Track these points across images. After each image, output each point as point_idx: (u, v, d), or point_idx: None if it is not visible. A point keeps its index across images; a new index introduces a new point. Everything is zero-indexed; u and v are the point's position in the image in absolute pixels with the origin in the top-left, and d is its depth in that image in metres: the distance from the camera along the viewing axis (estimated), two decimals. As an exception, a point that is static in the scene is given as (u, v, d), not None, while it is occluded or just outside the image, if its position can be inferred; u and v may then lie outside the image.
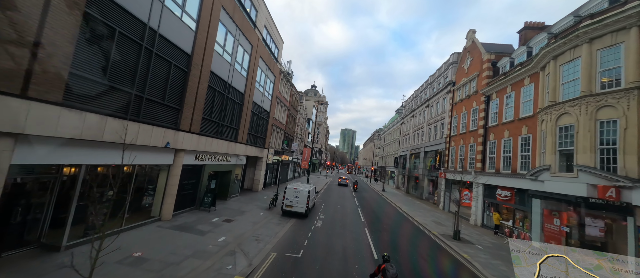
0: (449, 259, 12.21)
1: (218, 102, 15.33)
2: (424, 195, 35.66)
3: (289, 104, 33.52)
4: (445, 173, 27.90)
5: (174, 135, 11.45)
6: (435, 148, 32.63)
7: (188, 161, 13.29)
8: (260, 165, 24.78)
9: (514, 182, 17.21)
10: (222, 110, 15.90)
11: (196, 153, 13.88)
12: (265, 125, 24.53)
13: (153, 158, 10.89)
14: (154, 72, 10.15)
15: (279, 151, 30.55)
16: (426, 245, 14.10)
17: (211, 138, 14.78)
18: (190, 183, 14.15)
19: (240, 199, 19.73)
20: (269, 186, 28.99)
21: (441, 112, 32.40)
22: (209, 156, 15.16)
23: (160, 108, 10.71)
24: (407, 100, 52.01)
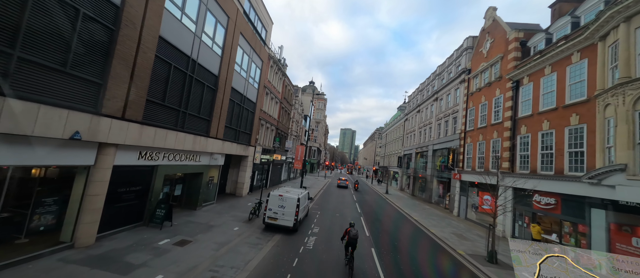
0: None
1: (176, 82, 11.58)
2: (433, 198, 31.93)
3: (282, 96, 29.77)
4: (460, 174, 24.17)
5: (90, 122, 7.69)
6: (446, 146, 28.90)
7: (126, 160, 9.54)
8: (245, 166, 21.02)
9: (560, 186, 13.48)
10: (184, 94, 12.13)
11: (140, 150, 10.13)
12: (250, 118, 20.78)
13: (53, 156, 7.14)
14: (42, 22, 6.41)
15: (269, 150, 26.80)
16: (456, 275, 10.35)
17: (166, 130, 11.03)
18: (133, 190, 10.38)
19: (216, 208, 15.97)
20: (258, 190, 25.23)
21: (453, 105, 28.67)
22: (164, 155, 11.41)
23: (59, 79, 6.95)
24: (412, 94, 48.28)
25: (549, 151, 14.74)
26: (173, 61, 11.17)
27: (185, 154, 12.87)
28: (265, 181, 27.85)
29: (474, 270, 10.89)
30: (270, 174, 28.36)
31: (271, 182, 29.28)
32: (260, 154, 22.51)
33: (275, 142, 27.87)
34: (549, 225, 14.52)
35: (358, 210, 21.90)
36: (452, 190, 26.07)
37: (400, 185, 47.80)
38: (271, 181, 29.24)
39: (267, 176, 27.96)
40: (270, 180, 28.59)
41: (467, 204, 22.87)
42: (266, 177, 27.86)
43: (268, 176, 28.06)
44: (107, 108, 8.20)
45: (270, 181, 28.65)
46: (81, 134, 7.42)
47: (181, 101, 12.01)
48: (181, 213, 13.70)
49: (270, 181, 28.56)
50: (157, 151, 10.96)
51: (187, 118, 12.60)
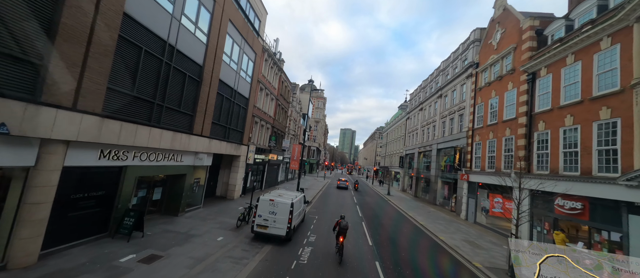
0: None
1: (148, 70, 10.00)
2: (437, 200, 30.35)
3: (278, 93, 28.19)
4: (468, 175, 22.60)
5: (24, 112, 6.11)
6: (452, 144, 27.33)
7: (82, 161, 7.97)
8: (237, 166, 19.43)
9: (588, 189, 11.90)
10: (160, 84, 10.56)
11: (102, 148, 8.54)
12: (242, 115, 19.20)
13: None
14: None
15: (264, 149, 25.21)
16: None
17: (136, 125, 9.45)
18: (94, 196, 8.79)
19: (201, 213, 14.38)
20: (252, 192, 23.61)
21: (459, 101, 27.10)
22: (134, 154, 9.83)
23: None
24: (414, 92, 46.72)
25: (573, 149, 13.16)
26: (144, 44, 9.59)
27: (163, 153, 11.29)
28: (261, 183, 26.26)
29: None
30: (265, 175, 26.77)
31: (267, 184, 27.69)
32: (254, 154, 20.93)
33: (271, 141, 26.29)
34: (574, 232, 12.94)
35: (359, 214, 20.31)
36: (458, 192, 24.50)
37: (402, 186, 46.22)
38: (267, 183, 27.65)
39: (263, 177, 26.37)
40: (265, 182, 27.00)
41: (476, 207, 21.28)
42: (261, 178, 26.28)
43: (263, 177, 26.48)
44: (50, 95, 6.62)
45: (265, 183, 27.06)
46: (9, 128, 5.84)
47: (156, 92, 10.43)
48: (159, 220, 12.11)
49: (265, 182, 26.97)
50: (125, 149, 9.38)
51: (165, 112, 11.01)
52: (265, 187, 27.30)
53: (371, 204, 26.60)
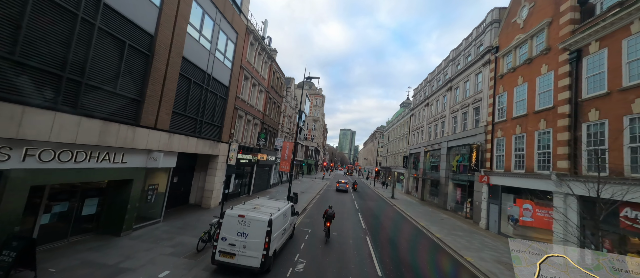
0: None
1: (44, 23, 6.68)
2: (448, 205, 27.07)
3: (269, 85, 24.89)
4: (488, 177, 19.33)
5: None
6: (465, 142, 24.08)
7: None
8: (215, 168, 16.12)
9: (681, 197, 8.63)
10: (71, 50, 7.26)
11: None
12: (220, 106, 15.90)
13: None
14: None
15: (252, 148, 21.91)
16: None
17: (23, 107, 6.16)
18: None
19: (157, 230, 11.06)
20: (236, 198, 20.32)
21: (474, 93, 23.85)
22: (29, 151, 6.53)
23: None
24: (418, 88, 43.49)
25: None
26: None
27: (86, 151, 7.97)
28: (248, 187, 22.92)
29: None
30: (254, 178, 23.44)
31: (256, 188, 24.37)
32: (237, 153, 17.61)
33: (261, 139, 22.98)
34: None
35: (362, 224, 16.99)
36: (475, 196, 21.22)
37: (407, 188, 42.94)
38: (256, 187, 24.33)
39: (250, 180, 23.04)
40: (254, 186, 23.68)
41: (500, 215, 17.99)
42: (249, 182, 22.95)
43: (251, 180, 23.15)
44: None
45: (254, 187, 23.74)
46: None
47: (66, 62, 7.11)
48: (90, 243, 8.80)
49: (254, 186, 23.65)
50: (3, 144, 6.07)
51: (84, 91, 7.70)
52: (254, 192, 23.97)
53: (375, 210, 23.28)
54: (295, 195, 21.14)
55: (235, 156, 17.47)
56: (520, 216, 16.30)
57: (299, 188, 33.56)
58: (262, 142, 23.03)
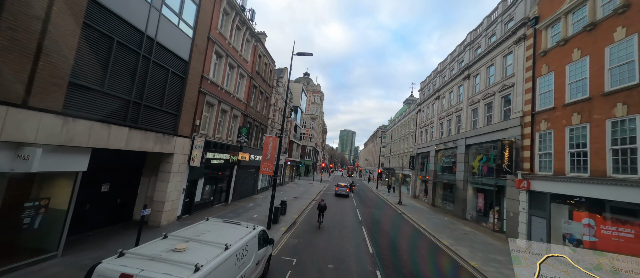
0: None
1: None
2: (467, 213, 22.82)
3: (253, 70, 20.66)
4: (528, 181, 15.08)
5: None
6: (491, 138, 19.87)
7: None
8: (168, 170, 11.85)
9: None
10: None
11: None
12: (175, 87, 11.65)
13: None
14: None
15: (230, 145, 17.66)
16: None
17: None
18: None
19: (41, 274, 6.79)
20: (208, 210, 16.06)
21: (502, 78, 19.62)
22: None
23: None
24: (425, 81, 39.28)
25: None
26: None
27: None
28: (226, 194, 18.63)
29: None
30: (234, 182, 19.16)
31: (237, 194, 20.11)
32: (203, 151, 13.34)
33: (242, 134, 18.73)
34: None
35: (369, 248, 12.64)
36: (508, 205, 16.97)
37: (413, 191, 38.65)
38: (237, 193, 20.07)
39: (229, 185, 18.75)
40: (234, 192, 19.41)
41: (548, 231, 13.70)
42: (227, 187, 18.66)
43: (230, 186, 18.87)
44: None
45: (234, 193, 19.48)
46: None
47: None
48: None
49: (234, 192, 19.38)
50: None
51: None
52: (235, 199, 19.70)
53: (381, 221, 18.98)
54: (283, 204, 16.89)
55: (200, 155, 13.20)
56: (583, 236, 12.05)
57: (293, 192, 29.28)
58: (243, 138, 18.77)
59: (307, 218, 17.43)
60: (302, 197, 26.65)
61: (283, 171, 34.87)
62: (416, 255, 12.23)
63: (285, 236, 12.65)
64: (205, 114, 14.71)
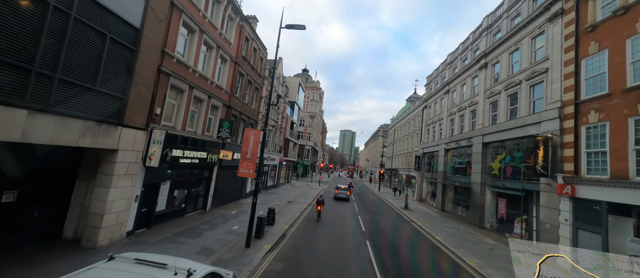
0: None
1: None
2: (486, 220, 19.88)
3: (238, 54, 17.73)
4: (573, 186, 12.13)
5: None
6: (516, 134, 16.97)
7: None
8: (110, 172, 8.89)
9: None
10: None
11: None
12: (119, 60, 8.70)
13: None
14: None
15: (207, 141, 14.71)
16: None
17: None
18: None
19: None
20: (177, 220, 13.12)
21: (530, 64, 16.69)
22: None
23: None
24: (433, 75, 36.33)
25: None
26: None
27: None
28: (204, 200, 15.69)
29: None
30: (213, 186, 16.23)
31: (219, 199, 17.20)
32: (162, 147, 10.38)
33: (223, 129, 15.79)
34: None
35: (376, 270, 9.69)
36: (544, 214, 14.02)
37: (419, 194, 35.67)
38: (219, 198, 17.15)
39: (207, 190, 15.80)
40: (215, 197, 16.49)
41: (606, 250, 10.72)
42: (205, 192, 15.71)
43: (209, 190, 15.92)
44: None
45: (215, 199, 16.57)
46: None
47: None
48: None
49: (214, 198, 16.46)
50: None
51: None
52: (216, 205, 16.76)
53: (388, 232, 15.99)
54: (270, 213, 14.00)
55: (160, 153, 10.25)
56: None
57: (287, 195, 26.33)
58: (225, 134, 15.82)
59: (300, 229, 14.46)
60: (297, 201, 23.70)
61: (277, 172, 31.92)
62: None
63: (267, 259, 9.69)
64: (170, 101, 11.77)
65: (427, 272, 10.35)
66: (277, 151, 30.58)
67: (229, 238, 11.45)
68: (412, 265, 10.85)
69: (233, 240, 11.17)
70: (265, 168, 27.01)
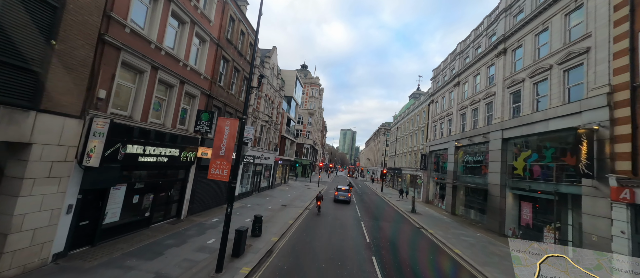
0: None
1: None
2: (506, 227, 17.39)
3: (221, 36, 15.23)
4: (632, 190, 9.62)
5: None
6: (547, 127, 14.42)
7: None
8: (22, 173, 6.40)
9: None
10: None
11: None
12: (30, 20, 6.20)
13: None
14: None
15: (178, 136, 12.21)
16: None
17: None
18: None
19: None
20: (137, 233, 10.64)
21: (563, 45, 14.17)
22: None
23: None
24: (441, 67, 33.77)
25: None
26: None
27: None
28: (178, 207, 13.20)
29: None
30: (190, 188, 13.75)
31: (198, 205, 14.74)
32: (105, 140, 7.87)
33: (202, 122, 13.29)
34: None
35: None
36: (588, 224, 11.50)
37: (426, 196, 33.16)
38: (198, 204, 14.70)
39: (182, 194, 13.31)
40: (192, 202, 14.01)
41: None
42: (180, 197, 13.22)
43: (185, 194, 13.43)
44: None
45: (192, 204, 14.10)
46: None
47: None
48: None
49: (192, 203, 13.99)
50: None
51: None
52: (192, 212, 14.28)
53: (397, 243, 13.49)
54: (256, 222, 11.59)
55: (101, 148, 7.76)
56: None
57: (282, 198, 23.84)
58: (204, 127, 13.33)
59: (292, 241, 11.98)
60: (292, 204, 21.23)
61: (273, 172, 29.44)
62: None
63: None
64: (123, 83, 9.29)
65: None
66: (272, 149, 28.11)
67: (199, 257, 8.98)
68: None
69: (203, 261, 8.70)
70: (258, 167, 24.55)
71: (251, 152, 21.00)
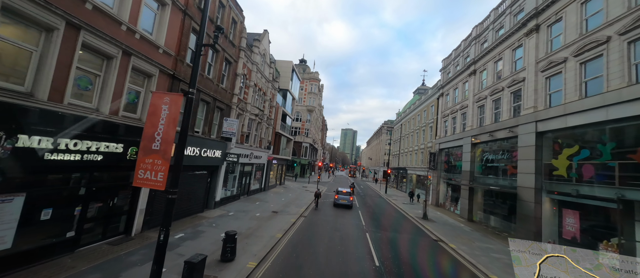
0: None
1: None
2: (543, 239, 14.15)
3: (188, 2, 12.05)
4: None
5: None
6: (607, 115, 11.22)
7: None
8: None
9: None
10: None
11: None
12: None
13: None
14: None
15: (132, 128, 9.06)
16: None
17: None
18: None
19: None
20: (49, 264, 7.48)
21: (629, 9, 10.96)
22: None
23: None
24: (452, 56, 30.56)
25: None
26: None
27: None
28: (129, 220, 10.07)
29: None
30: (150, 194, 10.64)
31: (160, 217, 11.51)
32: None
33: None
34: None
35: None
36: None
37: (436, 198, 29.95)
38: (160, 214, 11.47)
39: (133, 203, 10.17)
40: (150, 213, 10.90)
41: None
42: (130, 207, 10.07)
43: (137, 204, 10.30)
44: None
45: (149, 216, 10.99)
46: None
47: None
48: None
49: (149, 216, 10.88)
50: None
51: None
52: (150, 227, 11.14)
53: (414, 264, 10.36)
54: (227, 242, 8.49)
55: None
56: None
57: (274, 202, 20.66)
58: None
59: (277, 266, 8.83)
60: (285, 211, 18.11)
61: (265, 173, 26.30)
62: None
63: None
64: (15, 42, 6.15)
65: None
66: (264, 147, 24.97)
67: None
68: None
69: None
70: (247, 168, 21.41)
71: (236, 149, 17.86)
